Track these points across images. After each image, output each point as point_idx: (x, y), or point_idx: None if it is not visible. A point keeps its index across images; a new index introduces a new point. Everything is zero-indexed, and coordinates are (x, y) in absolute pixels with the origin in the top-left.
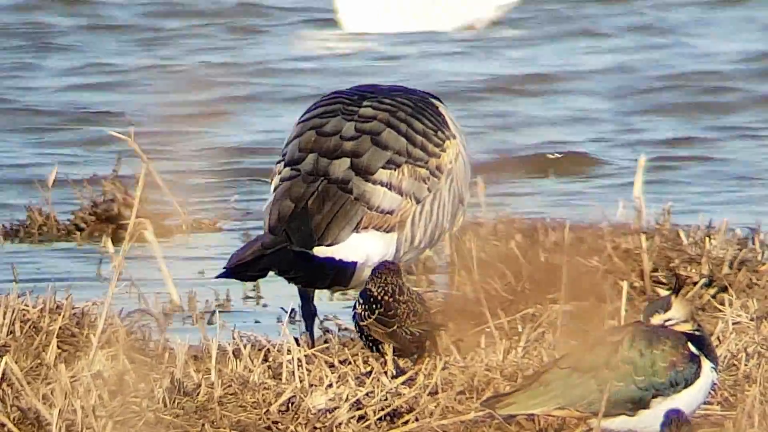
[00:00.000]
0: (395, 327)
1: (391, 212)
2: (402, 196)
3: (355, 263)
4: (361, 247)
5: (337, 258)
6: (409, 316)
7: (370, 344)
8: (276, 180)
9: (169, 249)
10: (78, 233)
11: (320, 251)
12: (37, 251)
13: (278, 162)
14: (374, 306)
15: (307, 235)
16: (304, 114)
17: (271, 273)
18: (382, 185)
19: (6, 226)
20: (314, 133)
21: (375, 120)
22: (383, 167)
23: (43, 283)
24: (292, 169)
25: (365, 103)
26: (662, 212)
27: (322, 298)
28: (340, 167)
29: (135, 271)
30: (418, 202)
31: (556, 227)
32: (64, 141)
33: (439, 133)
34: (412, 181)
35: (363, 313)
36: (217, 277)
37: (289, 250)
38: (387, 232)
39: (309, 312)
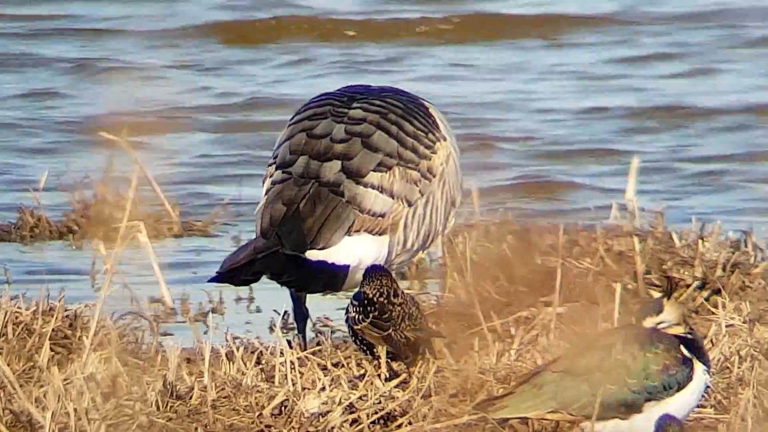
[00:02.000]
0: (390, 330)
1: (382, 215)
2: (393, 198)
3: (347, 266)
4: (353, 251)
5: (330, 261)
6: (404, 320)
7: (364, 348)
8: (267, 183)
9: (162, 251)
10: (70, 235)
11: (312, 255)
12: (29, 253)
13: (269, 165)
14: (369, 308)
15: (300, 239)
16: (294, 116)
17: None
18: (373, 188)
19: None
20: (305, 136)
21: (365, 122)
22: (374, 170)
23: (35, 286)
24: (283, 172)
25: (355, 104)
26: (655, 215)
27: (317, 301)
28: (332, 170)
29: (127, 273)
30: (409, 204)
31: (550, 230)
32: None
33: (430, 135)
34: (404, 183)
35: (357, 316)
36: (210, 281)
37: (281, 253)
38: (379, 235)
39: (301, 314)
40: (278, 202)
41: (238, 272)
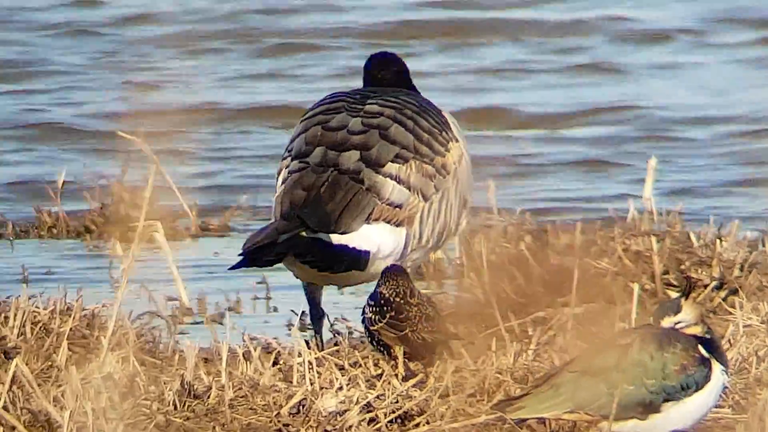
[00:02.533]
0: (407, 331)
1: (400, 206)
2: (410, 190)
3: (368, 252)
4: (372, 238)
5: (351, 246)
6: (421, 320)
7: (381, 348)
8: (284, 173)
9: (179, 251)
10: (87, 235)
11: (334, 238)
12: (46, 253)
13: (284, 158)
14: (385, 309)
15: (325, 218)
16: (307, 112)
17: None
18: (391, 178)
19: (16, 227)
20: (320, 128)
21: (382, 116)
22: (392, 161)
23: (53, 285)
24: (300, 162)
25: (370, 101)
26: (673, 214)
27: (334, 301)
28: (350, 159)
29: (145, 272)
30: (425, 199)
31: (567, 229)
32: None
33: (444, 133)
34: (420, 176)
35: (374, 317)
36: (232, 268)
37: (304, 235)
38: (396, 225)
39: (317, 314)
40: (297, 187)
41: (260, 252)
